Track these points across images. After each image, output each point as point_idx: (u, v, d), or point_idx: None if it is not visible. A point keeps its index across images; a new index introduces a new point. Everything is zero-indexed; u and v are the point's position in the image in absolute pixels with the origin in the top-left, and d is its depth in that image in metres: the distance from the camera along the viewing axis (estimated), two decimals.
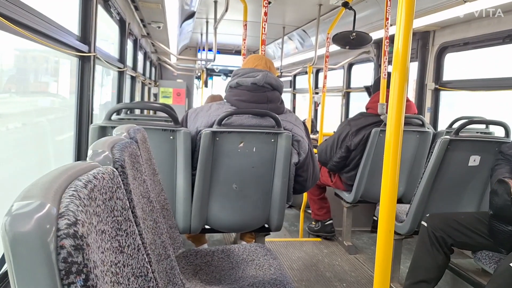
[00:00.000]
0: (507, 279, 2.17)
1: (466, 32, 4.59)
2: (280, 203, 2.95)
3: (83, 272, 0.66)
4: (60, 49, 2.55)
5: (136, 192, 1.44)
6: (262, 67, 3.00)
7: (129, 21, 5.10)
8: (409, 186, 4.27)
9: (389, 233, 1.47)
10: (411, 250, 3.53)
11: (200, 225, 2.91)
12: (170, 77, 12.15)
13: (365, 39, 4.84)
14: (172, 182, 2.81)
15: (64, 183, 0.79)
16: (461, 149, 3.12)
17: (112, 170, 1.05)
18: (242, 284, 2.11)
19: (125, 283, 0.99)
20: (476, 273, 2.97)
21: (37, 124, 2.96)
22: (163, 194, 2.23)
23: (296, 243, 4.73)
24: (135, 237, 1.09)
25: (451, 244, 2.80)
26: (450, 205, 3.28)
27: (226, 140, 2.77)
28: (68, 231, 0.65)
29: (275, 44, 9.72)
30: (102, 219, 0.89)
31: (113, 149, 1.30)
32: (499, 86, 4.33)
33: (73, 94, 3.12)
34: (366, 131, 4.06)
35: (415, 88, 5.46)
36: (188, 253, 2.48)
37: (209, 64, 9.58)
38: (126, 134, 1.77)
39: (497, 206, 2.47)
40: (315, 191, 4.81)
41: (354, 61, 7.51)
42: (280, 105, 2.95)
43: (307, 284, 3.66)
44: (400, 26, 1.48)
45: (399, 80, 1.47)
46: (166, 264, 1.69)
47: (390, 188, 1.46)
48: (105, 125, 2.69)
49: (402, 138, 1.48)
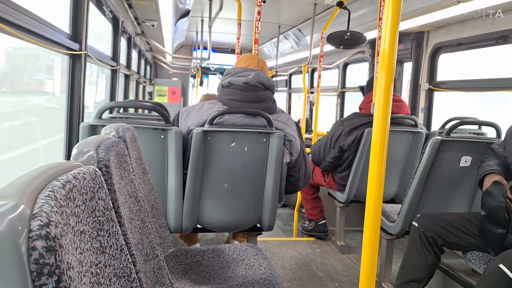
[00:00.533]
0: (496, 280, 2.17)
1: (460, 33, 4.60)
2: (272, 203, 2.95)
3: (55, 273, 0.65)
4: (50, 47, 2.54)
5: (122, 192, 1.43)
6: (255, 66, 3.00)
7: (122, 19, 5.09)
8: (402, 186, 4.27)
9: (375, 233, 1.47)
10: (403, 250, 3.53)
11: (191, 225, 2.91)
12: (165, 76, 12.16)
13: (360, 39, 4.84)
14: (163, 182, 2.80)
15: (42, 184, 0.79)
16: (452, 149, 3.12)
17: (94, 170, 1.04)
18: (231, 284, 2.11)
19: (106, 284, 0.98)
20: (466, 273, 2.98)
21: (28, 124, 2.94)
22: (153, 194, 2.22)
23: (289, 242, 4.73)
24: (118, 237, 1.09)
25: (442, 244, 2.81)
26: (441, 205, 3.29)
27: (217, 139, 2.77)
28: (40, 232, 0.65)
29: (270, 43, 9.72)
30: (82, 219, 0.89)
31: (98, 149, 1.30)
32: (493, 87, 4.33)
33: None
34: (359, 131, 4.06)
35: (409, 88, 5.46)
36: (178, 253, 2.47)
37: (204, 62, 9.57)
38: (114, 133, 1.77)
39: (491, 207, 2.46)
40: (309, 191, 4.81)
41: (349, 61, 7.51)
42: (272, 105, 2.95)
43: (299, 284, 3.67)
44: (387, 26, 1.48)
45: (385, 80, 1.47)
46: (153, 264, 1.69)
47: (376, 189, 1.46)
48: (96, 124, 2.69)
49: (392, 139, 1.49)
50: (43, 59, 3.14)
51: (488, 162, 2.76)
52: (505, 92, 4.25)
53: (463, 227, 2.75)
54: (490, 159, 2.80)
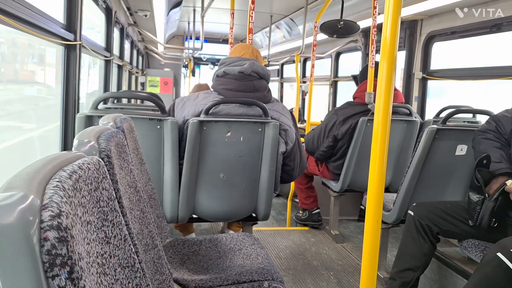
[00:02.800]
0: (494, 268, 2.18)
1: (453, 21, 4.60)
2: (267, 192, 2.95)
3: (67, 264, 0.65)
4: (45, 37, 2.51)
5: (122, 182, 1.42)
6: (249, 56, 2.99)
7: (115, 9, 5.05)
8: (396, 175, 4.29)
9: (377, 223, 1.47)
10: (398, 239, 3.56)
11: (187, 215, 2.91)
12: (157, 66, 12.11)
13: (353, 27, 4.84)
14: (159, 172, 2.80)
15: (48, 174, 0.78)
16: (448, 138, 3.13)
17: (98, 160, 1.03)
18: (230, 273, 2.12)
19: (111, 274, 0.98)
20: (462, 261, 3.00)
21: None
22: (150, 184, 2.22)
23: (283, 232, 4.75)
24: (121, 227, 1.08)
25: (437, 233, 2.82)
26: (436, 194, 3.30)
27: (213, 129, 2.77)
28: (51, 223, 0.64)
29: (262, 33, 9.69)
30: (88, 210, 0.88)
31: (99, 139, 1.29)
32: (486, 75, 4.35)
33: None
34: (353, 120, 4.07)
35: (402, 77, 5.47)
36: (175, 243, 2.47)
37: (196, 53, 9.53)
38: (112, 123, 1.76)
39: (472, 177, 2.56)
40: (303, 180, 4.82)
41: (342, 50, 7.50)
42: (267, 94, 2.95)
43: (294, 273, 3.68)
44: (388, 14, 1.48)
45: (387, 69, 1.47)
46: (153, 254, 1.68)
47: (378, 178, 1.46)
48: (92, 115, 2.67)
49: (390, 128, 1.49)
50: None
51: (494, 154, 2.71)
52: (498, 80, 4.27)
53: (459, 215, 2.76)
54: (490, 142, 2.75)
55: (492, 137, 2.75)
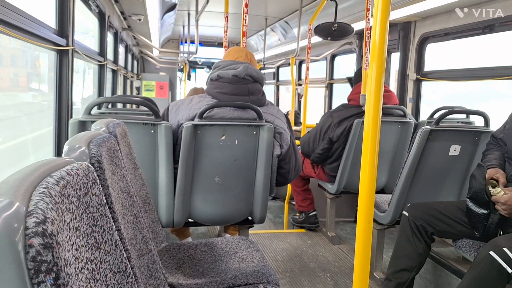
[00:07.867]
0: (487, 267, 2.20)
1: (446, 23, 4.61)
2: (263, 196, 2.95)
3: (53, 270, 0.65)
4: (37, 43, 2.51)
5: (115, 187, 1.43)
6: (243, 59, 2.99)
7: (108, 13, 5.05)
8: (391, 177, 4.30)
9: (368, 224, 1.48)
10: (394, 240, 3.56)
11: (183, 219, 2.91)
12: (153, 70, 12.10)
13: (347, 30, 4.85)
14: (154, 176, 2.79)
15: (36, 180, 0.78)
16: (441, 139, 3.14)
17: (87, 166, 1.03)
18: (225, 277, 2.12)
19: (102, 280, 0.98)
20: (456, 261, 3.01)
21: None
22: (144, 189, 2.21)
23: (280, 234, 4.75)
24: (112, 233, 1.08)
25: (432, 233, 2.83)
26: (431, 194, 3.31)
27: (207, 133, 2.76)
28: (36, 230, 0.64)
29: (257, 36, 9.70)
30: (76, 216, 0.88)
31: (90, 144, 1.29)
32: (480, 76, 4.36)
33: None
34: (348, 122, 4.07)
35: (396, 78, 5.48)
36: (171, 247, 2.47)
37: (191, 56, 9.53)
38: (105, 128, 1.76)
39: (475, 190, 2.53)
40: (299, 183, 4.82)
41: (337, 52, 7.51)
42: (261, 97, 2.94)
43: (291, 275, 3.68)
44: (377, 17, 1.48)
45: (376, 71, 1.47)
46: (147, 258, 1.68)
47: (369, 179, 1.46)
48: (85, 120, 2.67)
49: (381, 129, 1.49)
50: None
51: (488, 156, 2.79)
52: (491, 81, 4.28)
53: (453, 215, 2.77)
54: (492, 151, 2.82)
55: (492, 147, 2.84)
